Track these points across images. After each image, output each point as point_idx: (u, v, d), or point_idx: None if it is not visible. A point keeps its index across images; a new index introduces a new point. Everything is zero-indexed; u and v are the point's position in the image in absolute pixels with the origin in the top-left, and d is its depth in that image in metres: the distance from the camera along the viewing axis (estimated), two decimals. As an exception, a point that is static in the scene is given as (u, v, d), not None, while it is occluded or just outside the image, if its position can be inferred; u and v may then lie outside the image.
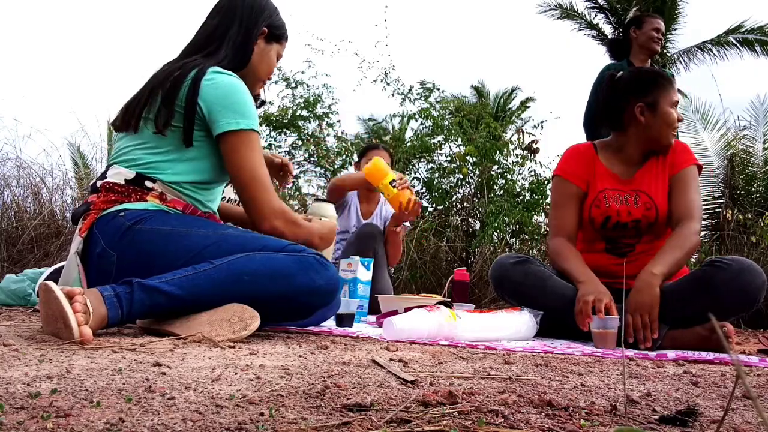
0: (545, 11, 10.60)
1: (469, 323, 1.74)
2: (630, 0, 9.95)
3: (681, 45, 10.57)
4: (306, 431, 0.62)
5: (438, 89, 6.64)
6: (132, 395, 0.74)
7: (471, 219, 6.25)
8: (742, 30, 9.84)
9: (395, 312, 2.01)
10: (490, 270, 2.13)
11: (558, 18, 10.73)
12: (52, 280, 2.20)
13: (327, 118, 6.66)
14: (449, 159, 6.32)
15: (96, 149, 5.56)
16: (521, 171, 6.25)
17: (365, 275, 2.25)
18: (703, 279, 1.81)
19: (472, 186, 6.26)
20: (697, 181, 2.04)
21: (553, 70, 23.63)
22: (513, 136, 6.68)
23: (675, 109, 2.03)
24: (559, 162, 2.18)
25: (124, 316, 1.31)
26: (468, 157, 5.98)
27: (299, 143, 6.57)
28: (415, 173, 6.38)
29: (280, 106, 6.64)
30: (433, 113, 6.37)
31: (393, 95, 6.70)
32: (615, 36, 9.54)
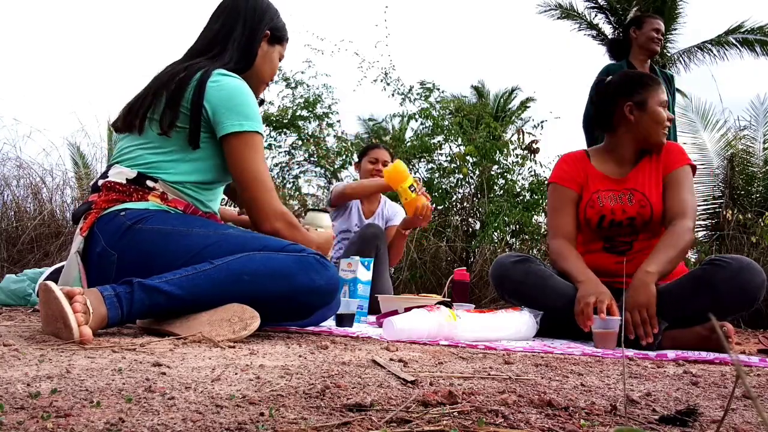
0: (545, 11, 10.61)
1: (469, 323, 1.74)
2: (630, 0, 9.95)
3: (681, 45, 10.59)
4: (306, 431, 0.62)
5: (438, 89, 6.65)
6: (132, 395, 0.74)
7: (471, 219, 6.25)
8: (742, 30, 9.84)
9: (395, 312, 2.01)
10: (490, 269, 2.15)
11: (558, 18, 10.74)
12: (52, 280, 2.19)
13: (327, 118, 6.67)
14: (449, 159, 6.33)
15: (96, 149, 5.57)
16: (521, 171, 6.26)
17: (365, 275, 2.25)
18: (703, 278, 1.82)
19: (472, 186, 6.26)
20: (691, 181, 2.07)
21: (553, 70, 23.66)
22: (513, 136, 6.68)
23: (665, 109, 2.07)
24: (553, 170, 2.23)
25: (124, 315, 1.31)
26: (468, 157, 5.98)
27: (299, 143, 6.58)
28: (415, 173, 6.38)
29: (280, 106, 6.65)
30: (433, 113, 6.37)
31: (393, 95, 6.71)
32: (615, 36, 9.54)
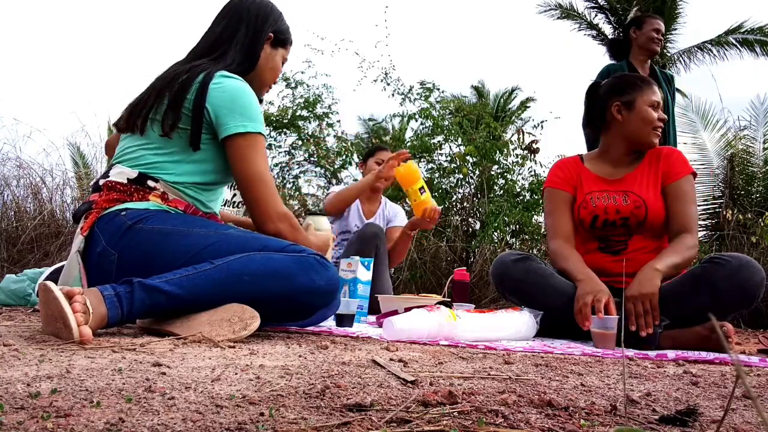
0: (545, 11, 10.61)
1: (469, 323, 1.74)
2: (630, 0, 9.95)
3: (681, 45, 10.59)
4: (306, 431, 0.62)
5: (438, 89, 6.65)
6: (132, 395, 0.74)
7: (471, 219, 6.25)
8: (742, 30, 9.84)
9: (395, 312, 2.01)
10: (491, 268, 2.16)
11: (558, 18, 10.74)
12: (52, 280, 2.19)
13: (327, 118, 6.67)
14: (449, 159, 6.33)
15: (96, 149, 5.56)
16: (521, 171, 6.26)
17: (365, 275, 2.25)
18: (703, 276, 1.82)
19: (472, 186, 6.26)
20: (694, 190, 2.08)
21: (553, 70, 23.65)
22: (513, 136, 6.69)
23: (657, 110, 2.06)
24: (547, 176, 2.26)
25: (124, 315, 1.31)
26: (468, 157, 5.98)
27: (299, 143, 6.58)
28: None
29: (280, 106, 6.65)
30: (433, 113, 6.37)
31: (393, 95, 6.72)
32: (615, 36, 9.54)
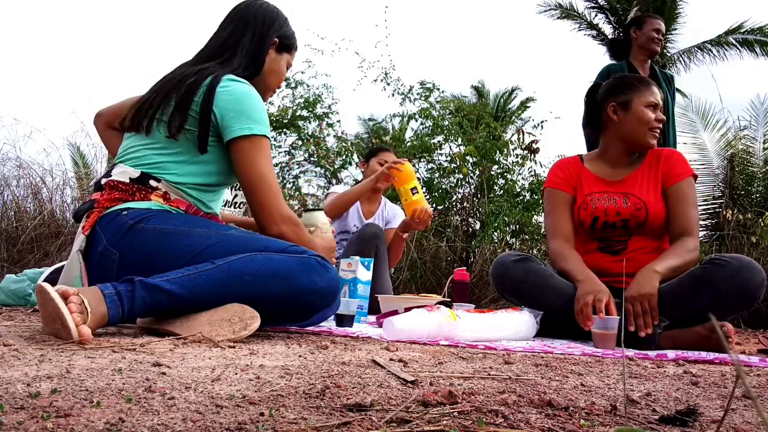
0: (545, 11, 10.61)
1: (469, 323, 1.74)
2: (630, 0, 9.95)
3: (681, 45, 10.59)
4: (306, 431, 0.62)
5: (438, 89, 6.65)
6: (132, 395, 0.74)
7: (471, 219, 6.25)
8: (741, 30, 9.84)
9: (395, 312, 2.01)
10: (490, 268, 2.16)
11: (558, 18, 10.74)
12: (52, 280, 2.19)
13: (327, 118, 6.67)
14: (449, 159, 6.33)
15: (96, 149, 5.55)
16: (521, 171, 6.26)
17: (365, 275, 2.25)
18: (703, 277, 1.82)
19: (472, 186, 6.26)
20: (695, 193, 2.08)
21: (553, 70, 23.65)
22: (513, 136, 6.69)
23: (655, 111, 2.05)
24: (547, 176, 2.26)
25: (125, 314, 1.31)
26: (468, 157, 5.98)
27: (299, 143, 6.58)
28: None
29: (280, 106, 6.64)
30: (433, 113, 6.37)
31: (393, 95, 6.72)
32: (615, 36, 9.54)
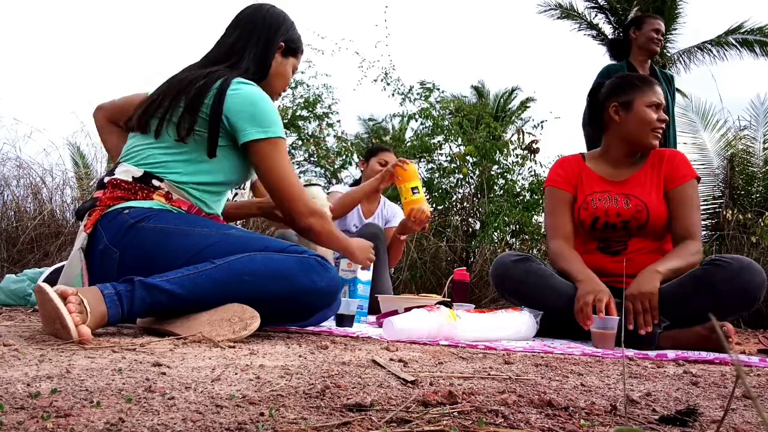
0: (545, 11, 10.61)
1: (469, 323, 1.74)
2: (630, 0, 9.95)
3: (681, 45, 10.59)
4: (306, 431, 0.62)
5: (438, 89, 6.65)
6: (132, 395, 0.74)
7: (471, 219, 6.25)
8: (741, 31, 9.84)
9: (395, 312, 2.01)
10: (490, 268, 2.15)
11: (558, 18, 10.74)
12: (52, 280, 2.19)
13: (327, 118, 6.68)
14: (449, 159, 6.32)
15: (96, 149, 5.55)
16: (521, 171, 6.26)
17: (365, 275, 2.24)
18: (703, 278, 1.82)
19: (472, 186, 6.26)
20: (698, 195, 2.07)
21: (553, 70, 23.65)
22: (513, 136, 6.68)
23: (657, 111, 2.04)
24: (548, 174, 2.25)
25: (124, 314, 1.31)
26: (468, 157, 5.98)
27: (299, 143, 6.58)
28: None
29: (280, 106, 6.64)
30: (433, 113, 6.37)
31: (393, 95, 6.72)
32: (615, 36, 9.54)
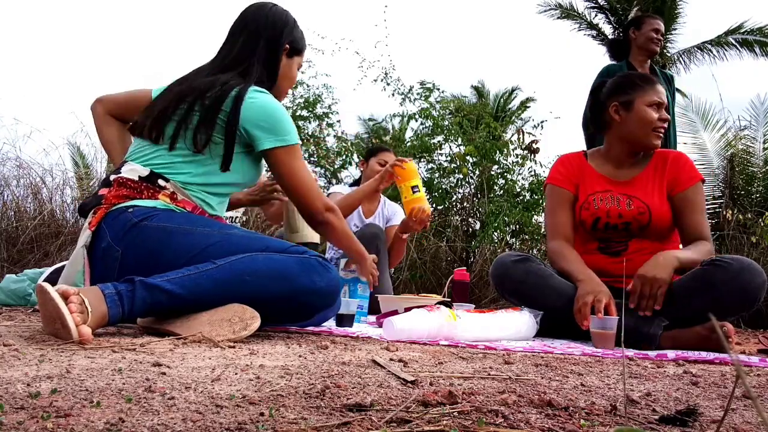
0: (545, 11, 10.62)
1: (469, 323, 1.74)
2: (630, 0, 9.95)
3: (681, 45, 10.60)
4: (306, 431, 0.62)
5: (438, 89, 6.65)
6: (132, 395, 0.74)
7: (471, 219, 6.25)
8: (741, 31, 9.85)
9: (395, 312, 2.01)
10: (490, 269, 2.15)
11: (558, 18, 10.75)
12: (52, 280, 2.19)
13: (327, 118, 6.68)
14: (449, 159, 6.33)
15: (96, 149, 5.55)
16: (521, 171, 6.26)
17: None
18: (704, 278, 1.82)
19: (472, 186, 6.26)
20: (704, 198, 2.07)
21: (553, 70, 23.66)
22: (513, 136, 6.69)
23: (658, 111, 2.03)
24: (550, 172, 2.24)
25: (125, 314, 1.31)
26: (468, 157, 5.98)
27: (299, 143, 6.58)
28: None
29: (280, 106, 6.64)
30: (433, 113, 6.37)
31: (393, 95, 6.72)
32: (615, 36, 9.54)
